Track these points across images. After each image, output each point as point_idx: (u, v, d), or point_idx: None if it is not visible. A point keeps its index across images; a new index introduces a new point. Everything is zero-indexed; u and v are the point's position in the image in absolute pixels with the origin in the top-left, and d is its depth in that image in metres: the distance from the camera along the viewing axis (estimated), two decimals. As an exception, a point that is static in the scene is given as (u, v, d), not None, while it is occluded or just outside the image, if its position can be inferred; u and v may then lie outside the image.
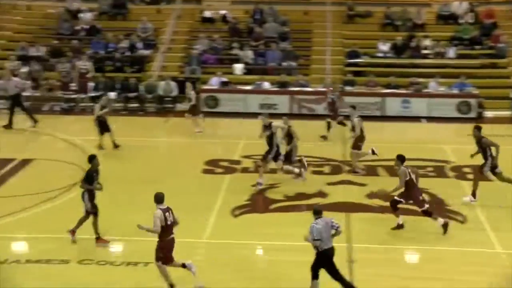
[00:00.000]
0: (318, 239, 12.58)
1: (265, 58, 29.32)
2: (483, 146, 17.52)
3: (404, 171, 15.72)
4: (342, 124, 23.10)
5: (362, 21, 31.56)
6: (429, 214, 15.96)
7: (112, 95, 27.05)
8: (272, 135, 18.75)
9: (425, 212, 15.99)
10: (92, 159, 15.81)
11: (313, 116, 26.11)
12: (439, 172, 20.41)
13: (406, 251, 15.41)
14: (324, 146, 22.67)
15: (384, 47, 29.74)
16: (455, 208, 17.38)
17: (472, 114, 26.62)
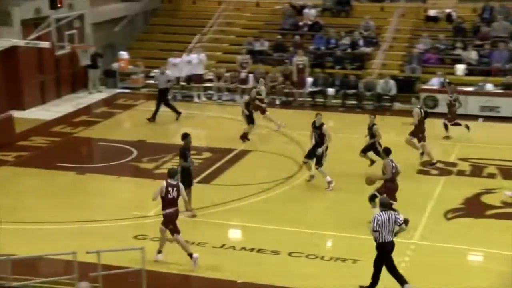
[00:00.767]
0: (376, 230, 12.92)
1: (490, 58, 28.26)
2: None
3: (388, 163, 15.95)
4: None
5: None
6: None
7: (330, 91, 27.36)
8: None
9: None
10: (185, 137, 16.78)
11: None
12: None
13: None
14: None
15: None
16: None
17: None
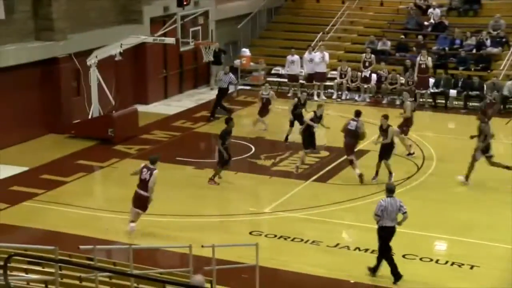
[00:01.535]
0: (378, 215, 13.60)
1: None
2: None
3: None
4: None
5: None
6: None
7: (452, 92, 26.80)
8: None
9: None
10: (228, 121, 18.41)
11: None
12: None
13: None
14: None
15: None
16: None
17: None
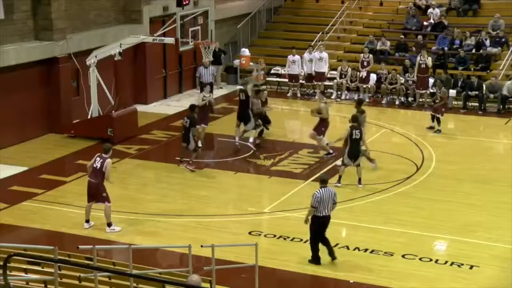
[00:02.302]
0: (315, 206, 14.02)
1: None
2: None
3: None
4: None
5: None
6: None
7: (451, 92, 26.81)
8: None
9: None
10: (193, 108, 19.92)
11: None
12: None
13: None
14: None
15: None
16: None
17: None
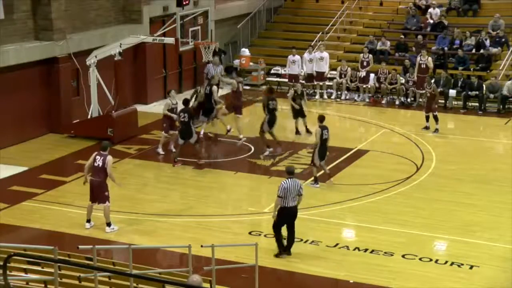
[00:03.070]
0: (281, 196, 14.29)
1: None
2: None
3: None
4: None
5: None
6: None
7: (451, 92, 26.77)
8: None
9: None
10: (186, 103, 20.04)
11: None
12: None
13: None
14: None
15: None
16: None
17: None
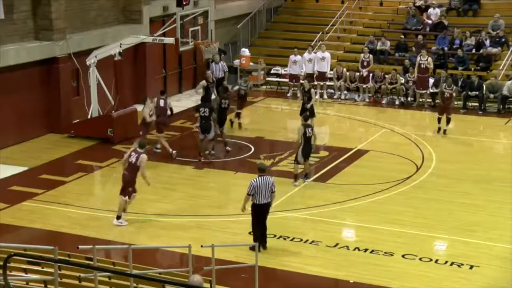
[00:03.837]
0: (251, 194, 14.59)
1: None
2: None
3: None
4: None
5: None
6: None
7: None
8: None
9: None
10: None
11: None
12: None
13: None
14: None
15: None
16: None
17: None
